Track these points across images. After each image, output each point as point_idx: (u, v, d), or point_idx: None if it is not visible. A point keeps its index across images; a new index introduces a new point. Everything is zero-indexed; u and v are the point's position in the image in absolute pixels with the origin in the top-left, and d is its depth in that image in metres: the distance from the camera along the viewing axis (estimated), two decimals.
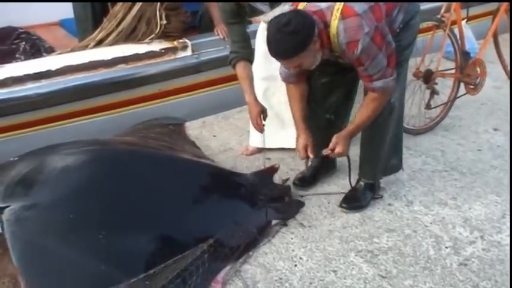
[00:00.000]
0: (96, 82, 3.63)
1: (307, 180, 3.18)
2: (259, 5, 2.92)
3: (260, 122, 3.05)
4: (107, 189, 2.56)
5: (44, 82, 3.47)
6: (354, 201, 2.98)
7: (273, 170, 3.07)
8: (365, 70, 2.46)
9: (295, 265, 2.56)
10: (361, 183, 3.02)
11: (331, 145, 2.67)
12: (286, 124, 3.31)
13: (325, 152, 2.71)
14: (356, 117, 2.69)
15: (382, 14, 2.43)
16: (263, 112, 3.05)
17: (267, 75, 3.22)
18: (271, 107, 3.28)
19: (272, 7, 2.89)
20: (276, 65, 2.82)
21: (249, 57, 3.04)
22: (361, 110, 2.65)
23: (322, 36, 2.40)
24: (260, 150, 3.48)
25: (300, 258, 2.61)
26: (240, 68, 3.01)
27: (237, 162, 3.45)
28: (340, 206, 2.97)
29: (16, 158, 2.82)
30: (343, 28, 2.35)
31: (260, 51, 3.19)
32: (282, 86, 2.98)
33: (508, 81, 4.41)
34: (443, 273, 2.51)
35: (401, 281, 2.46)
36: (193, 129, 3.91)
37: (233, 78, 4.04)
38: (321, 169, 3.22)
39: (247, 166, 3.38)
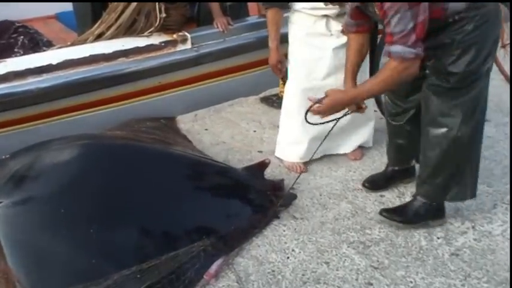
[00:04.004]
0: (97, 76, 3.50)
1: (379, 184, 2.95)
2: None
3: (277, 70, 3.13)
4: (98, 183, 2.46)
5: (45, 76, 3.33)
6: (397, 214, 2.67)
7: (264, 164, 2.94)
8: (388, 24, 2.15)
9: (288, 257, 2.46)
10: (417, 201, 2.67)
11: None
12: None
13: (311, 99, 2.37)
14: (364, 83, 2.36)
15: None
16: (281, 62, 3.11)
17: (310, 85, 2.96)
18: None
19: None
20: (316, 74, 2.90)
21: (282, 6, 3.04)
22: (372, 77, 2.36)
23: None
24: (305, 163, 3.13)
25: (293, 250, 2.50)
26: (272, 13, 3.03)
27: (229, 155, 3.32)
28: (381, 213, 2.68)
29: (7, 156, 2.73)
30: None
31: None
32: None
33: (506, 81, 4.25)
34: (435, 263, 2.42)
35: (393, 272, 2.37)
36: (185, 122, 3.76)
37: (232, 70, 4.01)
38: (398, 173, 2.95)
39: (239, 159, 3.26)
